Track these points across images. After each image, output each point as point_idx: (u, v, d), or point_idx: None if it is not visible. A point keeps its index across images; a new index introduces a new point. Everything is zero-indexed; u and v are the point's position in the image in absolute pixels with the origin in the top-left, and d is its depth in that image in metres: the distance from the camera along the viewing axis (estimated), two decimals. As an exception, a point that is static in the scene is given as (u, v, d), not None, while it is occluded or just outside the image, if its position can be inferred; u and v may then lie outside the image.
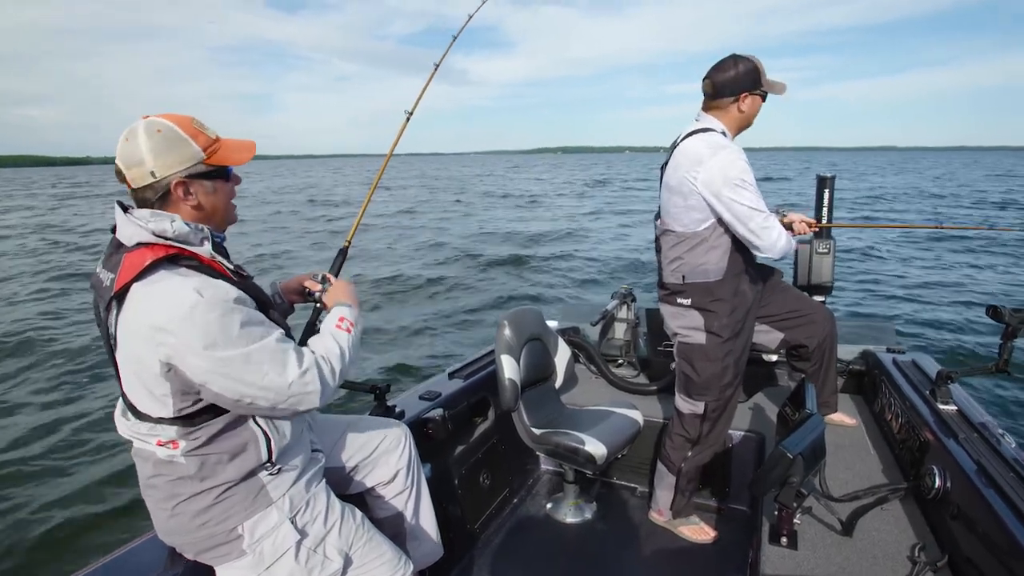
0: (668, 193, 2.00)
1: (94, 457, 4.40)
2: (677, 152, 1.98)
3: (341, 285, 1.53)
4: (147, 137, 1.15)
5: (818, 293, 2.94)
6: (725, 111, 1.98)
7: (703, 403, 2.11)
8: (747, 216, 1.88)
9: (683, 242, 2.00)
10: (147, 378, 1.12)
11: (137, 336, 1.10)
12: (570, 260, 12.50)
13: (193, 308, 1.07)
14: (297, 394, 1.17)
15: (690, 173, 1.90)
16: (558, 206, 24.63)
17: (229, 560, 1.26)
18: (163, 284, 1.10)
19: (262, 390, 1.13)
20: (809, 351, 2.29)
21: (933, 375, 2.12)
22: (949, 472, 1.66)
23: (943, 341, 6.76)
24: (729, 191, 1.86)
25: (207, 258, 1.19)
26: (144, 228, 1.14)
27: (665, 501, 2.32)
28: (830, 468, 2.08)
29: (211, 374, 1.09)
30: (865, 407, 2.61)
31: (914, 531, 1.72)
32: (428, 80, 2.04)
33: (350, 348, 1.32)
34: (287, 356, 1.17)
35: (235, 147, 1.23)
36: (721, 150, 1.87)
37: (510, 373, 2.37)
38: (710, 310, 2.01)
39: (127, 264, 1.11)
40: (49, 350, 6.78)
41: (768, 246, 1.93)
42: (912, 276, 10.17)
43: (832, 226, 2.77)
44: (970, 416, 1.88)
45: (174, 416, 1.15)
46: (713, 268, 1.98)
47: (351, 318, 1.39)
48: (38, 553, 3.39)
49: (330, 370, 1.24)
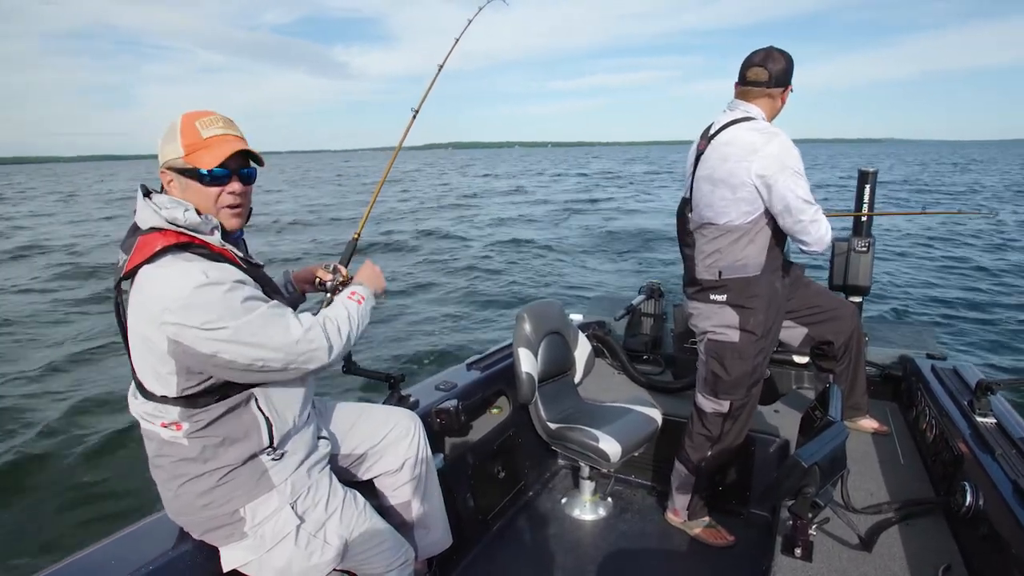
0: (710, 185, 1.90)
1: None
2: (721, 144, 1.88)
3: (369, 268, 1.58)
4: (166, 127, 1.25)
5: (855, 293, 2.80)
6: (772, 101, 1.92)
7: (728, 402, 2.05)
8: (799, 208, 1.80)
9: (724, 235, 1.91)
10: (153, 356, 1.17)
11: (145, 315, 1.14)
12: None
13: (198, 287, 1.12)
14: (305, 351, 1.23)
15: (742, 163, 1.81)
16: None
17: (231, 541, 1.30)
18: (170, 269, 1.15)
19: (272, 351, 1.19)
20: (835, 348, 2.20)
21: (973, 385, 2.00)
22: (982, 489, 1.56)
23: (991, 350, 6.40)
24: (785, 179, 1.78)
25: (217, 247, 1.23)
26: (158, 214, 1.20)
27: (682, 502, 2.27)
28: (857, 477, 1.99)
29: (221, 343, 1.13)
30: (899, 414, 2.49)
31: (940, 549, 1.62)
32: (433, 79, 2.06)
33: (358, 316, 1.39)
34: (287, 319, 1.23)
35: (214, 153, 1.23)
36: (775, 136, 1.80)
37: (527, 367, 2.35)
38: (746, 307, 1.94)
39: (139, 247, 1.17)
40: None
41: (816, 240, 1.85)
42: (958, 280, 9.65)
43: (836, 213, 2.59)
44: (1010, 431, 1.76)
45: (178, 395, 1.19)
46: (752, 263, 1.91)
47: (362, 293, 1.46)
48: (57, 527, 3.58)
49: (335, 329, 1.31)
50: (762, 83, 1.88)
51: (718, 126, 1.92)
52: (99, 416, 4.93)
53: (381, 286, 1.56)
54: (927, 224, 14.33)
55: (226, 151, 1.22)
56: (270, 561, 1.30)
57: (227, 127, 1.25)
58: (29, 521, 3.62)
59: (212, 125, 1.23)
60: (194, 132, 1.22)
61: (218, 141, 1.23)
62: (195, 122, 1.23)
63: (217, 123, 1.24)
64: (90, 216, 22.88)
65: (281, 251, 13.05)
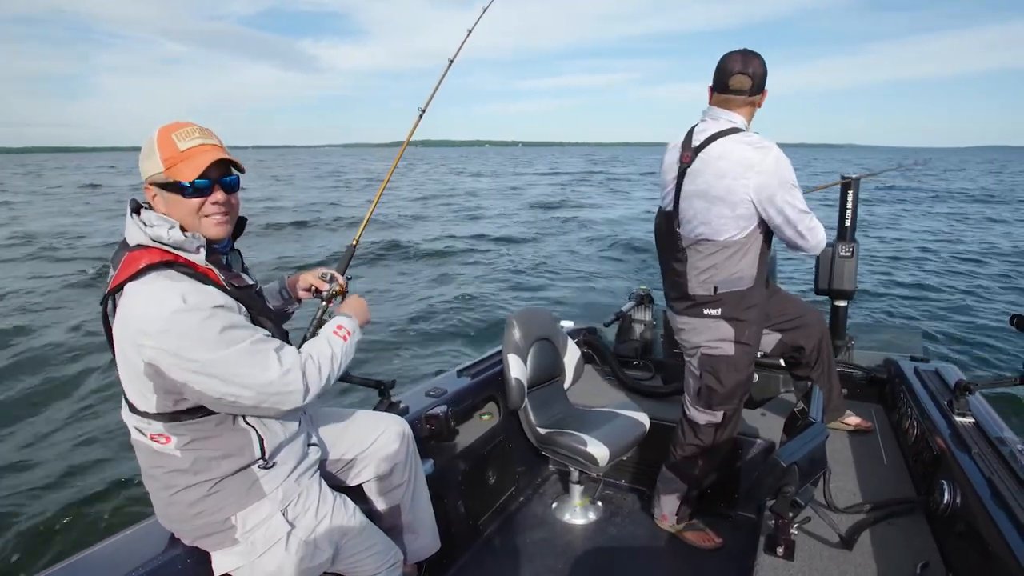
0: (704, 203, 1.85)
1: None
2: (714, 158, 1.82)
3: (354, 300, 1.58)
4: (144, 144, 1.24)
5: (840, 297, 2.85)
6: (752, 107, 1.89)
7: (722, 412, 2.06)
8: (798, 219, 1.82)
9: (721, 251, 1.88)
10: (133, 375, 1.18)
11: (125, 335, 1.15)
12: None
13: (175, 312, 1.11)
14: (278, 392, 1.21)
15: (740, 180, 1.78)
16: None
17: (223, 548, 1.31)
18: (151, 287, 1.15)
19: (243, 388, 1.17)
20: (807, 353, 2.23)
21: (953, 385, 2.05)
22: (960, 487, 1.60)
23: (978, 352, 6.48)
24: (783, 193, 1.78)
25: (202, 266, 1.23)
26: (143, 231, 1.21)
27: (671, 508, 2.29)
28: (840, 478, 2.03)
29: (192, 374, 1.13)
30: (884, 416, 2.53)
31: (919, 547, 1.66)
32: (442, 76, 2.03)
33: (342, 353, 1.37)
34: (267, 356, 1.20)
35: (193, 165, 1.22)
36: (770, 150, 1.78)
37: (516, 372, 2.38)
38: (741, 319, 1.94)
39: (125, 263, 1.18)
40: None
41: (814, 246, 1.88)
42: (943, 285, 9.77)
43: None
44: (987, 430, 1.80)
45: (157, 412, 1.20)
46: (747, 275, 1.91)
47: (349, 327, 1.44)
48: (46, 533, 3.55)
49: (316, 370, 1.28)
50: (745, 91, 1.84)
51: (703, 137, 1.86)
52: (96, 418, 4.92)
53: (367, 319, 1.56)
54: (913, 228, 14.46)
55: (205, 161, 1.21)
56: (261, 566, 1.32)
57: (204, 137, 1.24)
58: (24, 523, 3.61)
59: (189, 137, 1.22)
60: (171, 145, 1.21)
61: (196, 152, 1.21)
62: (171, 135, 1.21)
63: (194, 134, 1.23)
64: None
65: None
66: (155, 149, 1.21)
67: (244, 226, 1.40)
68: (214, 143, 1.26)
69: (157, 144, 1.21)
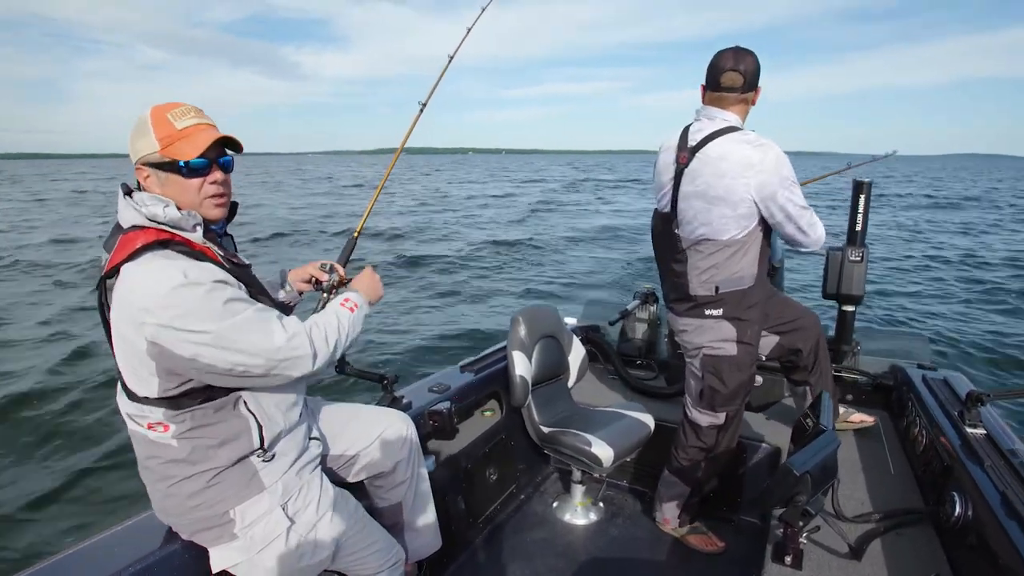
0: (704, 203, 1.83)
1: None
2: (714, 158, 1.81)
3: (367, 275, 1.55)
4: (134, 124, 1.20)
5: (848, 303, 2.82)
6: (747, 105, 1.88)
7: (725, 413, 2.04)
8: (799, 215, 1.82)
9: (722, 250, 1.87)
10: (134, 357, 1.15)
11: (125, 315, 1.12)
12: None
13: (177, 287, 1.09)
14: (288, 357, 1.20)
15: (740, 179, 1.77)
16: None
17: (221, 543, 1.28)
18: (150, 265, 1.12)
19: (252, 356, 1.15)
20: (804, 356, 2.21)
21: (963, 395, 2.02)
22: (971, 500, 1.57)
23: (986, 360, 6.45)
24: (785, 191, 1.78)
25: (199, 244, 1.21)
26: (139, 212, 1.17)
27: (673, 511, 2.27)
28: (848, 486, 2.00)
29: (200, 347, 1.11)
30: (890, 424, 2.51)
31: (929, 559, 1.63)
32: (443, 71, 2.03)
33: (349, 324, 1.36)
34: (271, 324, 1.19)
35: (193, 143, 1.19)
36: (769, 148, 1.77)
37: (521, 370, 2.35)
38: (743, 319, 1.93)
39: (121, 245, 1.15)
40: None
41: (815, 241, 1.87)
42: (953, 291, 9.73)
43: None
44: (999, 441, 1.77)
45: (159, 397, 1.17)
46: (747, 274, 1.90)
47: (356, 300, 1.43)
48: (40, 525, 3.53)
49: (322, 336, 1.27)
50: (737, 88, 1.83)
51: (700, 137, 1.85)
52: (92, 409, 4.89)
53: (378, 295, 1.54)
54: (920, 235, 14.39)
55: (205, 140, 1.18)
56: (260, 562, 1.29)
57: (199, 116, 1.21)
58: (15, 518, 3.58)
59: (185, 116, 1.19)
60: (167, 124, 1.18)
61: (195, 131, 1.19)
62: (167, 114, 1.18)
63: (189, 113, 1.20)
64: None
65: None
66: (149, 128, 1.18)
67: (236, 210, 1.37)
68: (210, 122, 1.23)
69: (151, 123, 1.18)
